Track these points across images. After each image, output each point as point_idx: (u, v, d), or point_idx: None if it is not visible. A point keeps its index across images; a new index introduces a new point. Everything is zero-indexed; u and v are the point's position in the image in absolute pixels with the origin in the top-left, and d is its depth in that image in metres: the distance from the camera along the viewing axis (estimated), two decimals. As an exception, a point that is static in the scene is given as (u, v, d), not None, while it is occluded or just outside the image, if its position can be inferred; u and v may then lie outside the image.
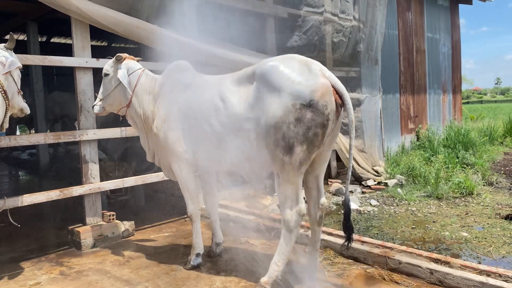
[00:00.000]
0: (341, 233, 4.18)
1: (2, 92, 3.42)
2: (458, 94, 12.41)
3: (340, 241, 3.99)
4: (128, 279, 3.65)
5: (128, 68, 3.95)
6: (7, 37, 3.61)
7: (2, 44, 3.60)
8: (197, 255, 3.83)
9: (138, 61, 4.16)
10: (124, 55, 4.02)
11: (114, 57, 4.00)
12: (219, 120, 3.36)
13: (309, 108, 2.95)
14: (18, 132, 14.15)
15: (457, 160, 7.80)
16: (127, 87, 3.85)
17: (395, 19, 9.47)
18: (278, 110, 3.00)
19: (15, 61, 3.56)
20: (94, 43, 11.49)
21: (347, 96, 3.10)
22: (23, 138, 4.35)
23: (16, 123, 10.81)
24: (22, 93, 3.73)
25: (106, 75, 4.01)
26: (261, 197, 6.36)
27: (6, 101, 3.47)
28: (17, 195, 4.13)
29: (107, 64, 4.05)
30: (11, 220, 3.97)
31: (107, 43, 13.51)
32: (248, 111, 3.20)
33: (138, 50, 8.45)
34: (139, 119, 4.00)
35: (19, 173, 10.50)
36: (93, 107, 4.15)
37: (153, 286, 3.49)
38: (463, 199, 6.03)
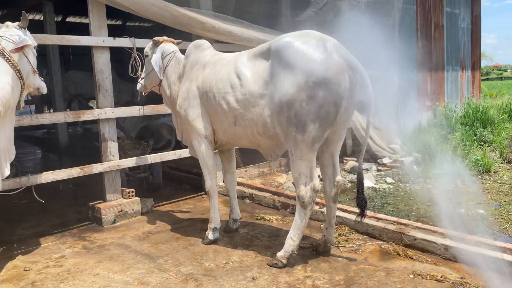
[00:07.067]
0: (357, 209, 4.24)
1: (17, 71, 3.40)
2: (477, 71, 12.11)
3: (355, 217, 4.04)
4: (149, 253, 3.77)
5: (163, 51, 4.10)
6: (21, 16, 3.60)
7: (16, 23, 3.56)
8: (214, 229, 3.92)
9: (178, 43, 4.30)
10: (163, 38, 4.19)
11: (152, 40, 4.17)
12: (235, 97, 3.40)
13: (322, 86, 2.94)
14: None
15: (474, 137, 7.69)
16: (157, 71, 4.01)
17: (413, -7, 9.23)
18: (291, 87, 3.01)
19: (26, 39, 3.48)
20: (109, 22, 11.49)
21: (364, 72, 3.08)
22: (45, 117, 4.44)
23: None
24: (37, 72, 3.75)
25: (146, 56, 4.24)
26: (276, 175, 6.42)
27: (21, 81, 3.46)
28: (39, 172, 4.26)
29: (147, 46, 4.26)
30: (36, 196, 4.10)
31: (122, 22, 13.50)
32: (263, 88, 3.22)
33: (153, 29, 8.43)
34: (168, 99, 4.19)
35: (38, 151, 10.77)
36: (137, 84, 4.40)
37: (172, 260, 3.61)
38: (480, 176, 5.98)
